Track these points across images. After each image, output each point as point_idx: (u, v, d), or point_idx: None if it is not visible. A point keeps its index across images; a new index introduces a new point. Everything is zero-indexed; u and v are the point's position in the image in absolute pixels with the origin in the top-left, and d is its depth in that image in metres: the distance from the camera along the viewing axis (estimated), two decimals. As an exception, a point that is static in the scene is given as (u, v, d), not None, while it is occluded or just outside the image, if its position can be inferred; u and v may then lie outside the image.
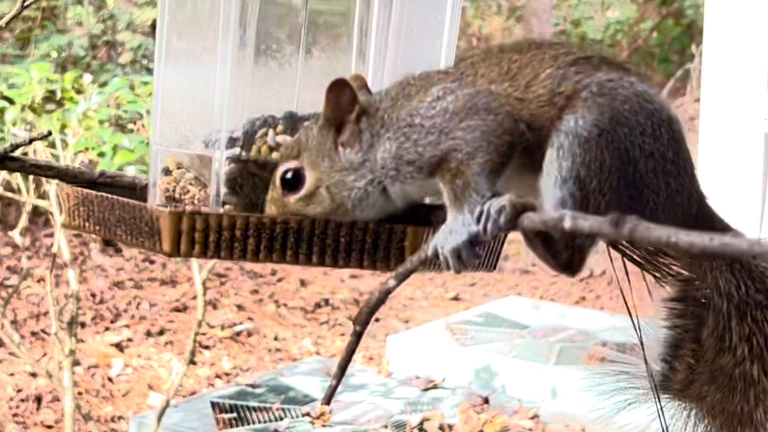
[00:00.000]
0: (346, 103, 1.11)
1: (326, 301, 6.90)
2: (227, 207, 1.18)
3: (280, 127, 1.23)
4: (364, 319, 1.15)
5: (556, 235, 1.08)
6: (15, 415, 5.12)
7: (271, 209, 1.14)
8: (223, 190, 1.18)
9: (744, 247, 0.82)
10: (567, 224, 0.95)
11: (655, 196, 1.09)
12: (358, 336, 1.14)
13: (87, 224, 1.30)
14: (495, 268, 1.25)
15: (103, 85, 5.57)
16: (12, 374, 5.43)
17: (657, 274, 1.24)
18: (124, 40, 9.07)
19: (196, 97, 1.26)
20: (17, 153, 1.43)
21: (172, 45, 1.28)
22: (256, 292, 6.89)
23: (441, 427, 4.81)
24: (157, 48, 1.28)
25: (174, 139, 1.28)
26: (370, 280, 7.32)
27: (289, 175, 1.13)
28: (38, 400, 5.23)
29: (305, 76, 1.27)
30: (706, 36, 2.92)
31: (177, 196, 1.26)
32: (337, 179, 1.12)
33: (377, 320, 6.69)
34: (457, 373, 5.36)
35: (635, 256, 1.25)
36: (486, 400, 5.12)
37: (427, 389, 5.29)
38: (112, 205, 1.22)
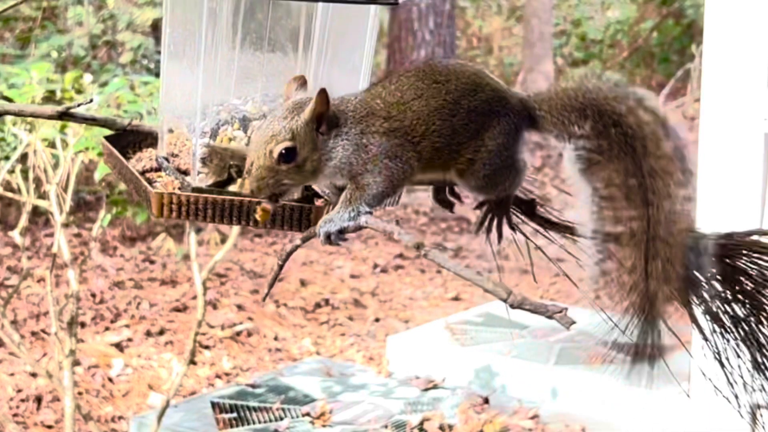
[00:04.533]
0: (325, 106, 1.61)
1: (326, 301, 6.90)
2: (201, 176, 1.77)
3: (236, 125, 1.81)
4: (285, 258, 1.69)
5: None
6: (15, 415, 5.12)
7: (261, 172, 1.61)
8: (198, 164, 1.77)
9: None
10: (396, 235, 1.63)
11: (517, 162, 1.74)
12: (280, 267, 1.68)
13: (114, 170, 1.95)
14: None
15: (103, 85, 5.57)
16: (12, 374, 5.43)
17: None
18: (124, 40, 9.07)
19: (183, 88, 1.83)
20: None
21: (172, 48, 1.85)
22: (256, 292, 6.89)
23: (441, 427, 4.81)
24: (162, 44, 1.87)
25: (171, 111, 1.88)
26: (370, 280, 7.33)
27: (285, 151, 1.60)
28: (38, 400, 5.23)
29: (268, 74, 1.83)
30: (706, 36, 2.92)
31: (177, 150, 1.84)
32: (317, 157, 1.63)
33: (377, 320, 6.69)
34: (457, 373, 5.36)
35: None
36: (486, 400, 5.12)
37: (427, 389, 5.29)
38: (128, 168, 1.84)
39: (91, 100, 2.02)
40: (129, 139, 1.95)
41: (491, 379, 5.30)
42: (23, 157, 4.37)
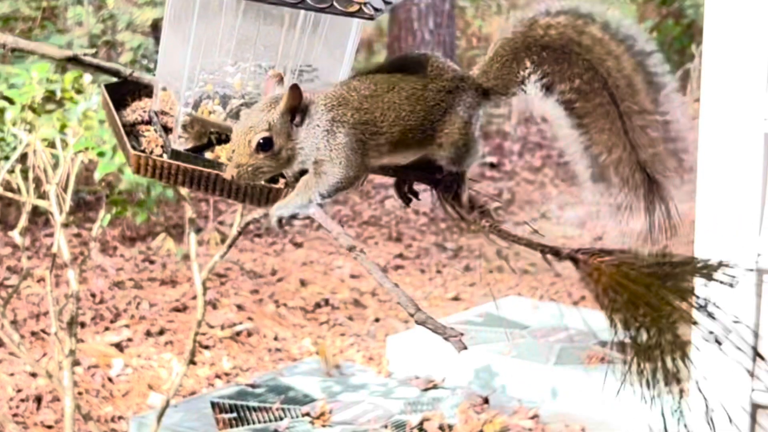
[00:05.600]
0: (298, 99, 1.77)
1: (326, 301, 6.90)
2: (181, 139, 1.94)
3: (216, 101, 1.97)
4: (243, 226, 2.01)
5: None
6: (15, 415, 5.12)
7: (241, 159, 1.78)
8: (180, 130, 1.94)
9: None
10: (335, 233, 1.80)
11: None
12: (238, 234, 1.95)
13: (106, 117, 2.15)
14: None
15: (103, 85, 5.56)
16: (12, 374, 5.43)
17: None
18: (124, 40, 9.06)
19: (177, 57, 1.97)
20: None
21: (172, 18, 2.01)
22: (256, 292, 6.89)
23: (441, 427, 4.81)
24: (165, 12, 2.03)
25: (166, 74, 2.05)
26: (370, 280, 7.32)
27: (263, 140, 1.77)
28: (38, 400, 5.23)
29: (265, 45, 1.96)
30: (706, 36, 2.92)
31: (167, 108, 2.02)
32: (292, 146, 1.79)
33: (377, 320, 6.69)
34: (457, 373, 5.36)
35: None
36: (486, 400, 5.12)
37: (427, 389, 5.29)
38: (117, 123, 2.02)
39: (96, 52, 2.13)
40: (129, 88, 2.13)
41: (491, 379, 5.30)
42: (23, 157, 4.37)
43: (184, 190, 4.45)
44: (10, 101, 4.29)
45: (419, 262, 7.84)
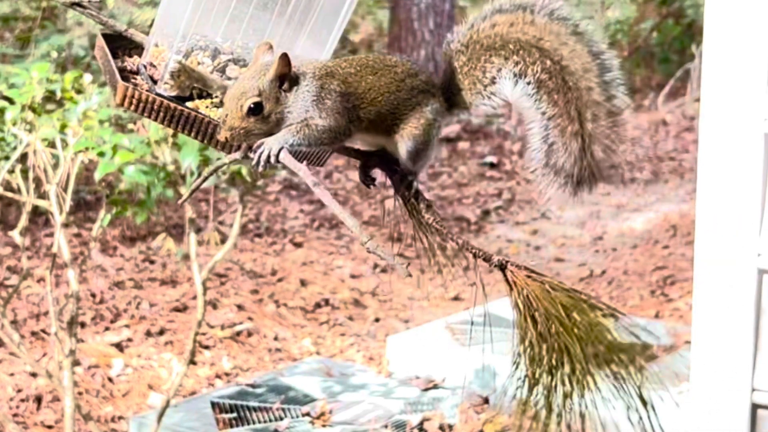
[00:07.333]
0: (287, 67, 1.92)
1: (326, 301, 6.90)
2: (166, 85, 2.04)
3: (207, 53, 2.10)
4: (210, 171, 2.06)
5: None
6: (15, 415, 5.12)
7: (233, 122, 1.92)
8: (167, 76, 2.04)
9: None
10: (302, 173, 1.94)
11: None
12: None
13: (97, 57, 2.26)
14: (322, 164, 2.19)
15: (103, 85, 5.57)
16: (12, 374, 5.43)
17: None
18: (124, 40, 9.04)
19: (177, 16, 2.09)
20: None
21: None
22: (256, 292, 6.89)
23: (441, 427, 4.81)
24: None
25: (162, 30, 2.15)
26: (370, 280, 7.33)
27: (253, 105, 1.92)
28: (38, 400, 5.23)
29: (254, 28, 2.12)
30: (706, 36, 2.92)
31: (156, 62, 2.12)
32: (280, 110, 1.95)
33: (377, 320, 6.69)
34: (457, 373, 5.36)
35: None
36: (486, 400, 5.12)
37: (427, 389, 5.29)
38: (110, 62, 2.13)
39: (101, 1, 2.32)
40: (122, 43, 2.24)
41: (491, 379, 5.30)
42: (23, 157, 4.37)
43: (184, 190, 4.45)
44: (10, 101, 4.29)
45: (419, 262, 7.83)
